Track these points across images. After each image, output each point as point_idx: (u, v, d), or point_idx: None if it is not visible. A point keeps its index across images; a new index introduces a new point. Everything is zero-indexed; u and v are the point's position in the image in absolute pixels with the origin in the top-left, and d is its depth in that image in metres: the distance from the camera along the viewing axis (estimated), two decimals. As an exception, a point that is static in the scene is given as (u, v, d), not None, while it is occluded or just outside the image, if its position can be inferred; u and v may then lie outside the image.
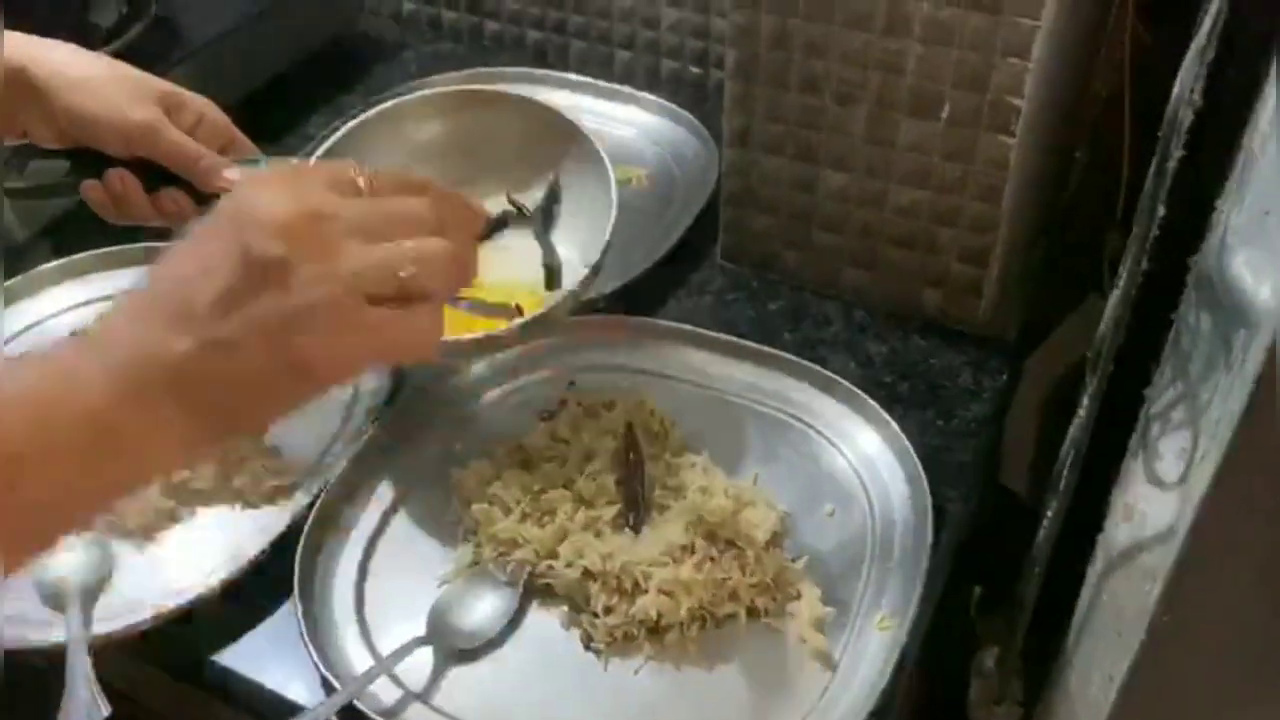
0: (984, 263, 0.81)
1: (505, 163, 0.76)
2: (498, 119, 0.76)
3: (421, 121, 0.76)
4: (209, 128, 0.69)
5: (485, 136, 0.76)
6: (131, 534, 0.70)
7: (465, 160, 0.76)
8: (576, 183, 0.76)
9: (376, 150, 0.74)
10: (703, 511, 0.66)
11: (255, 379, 0.42)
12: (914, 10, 0.73)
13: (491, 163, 0.76)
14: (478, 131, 0.76)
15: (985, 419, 0.79)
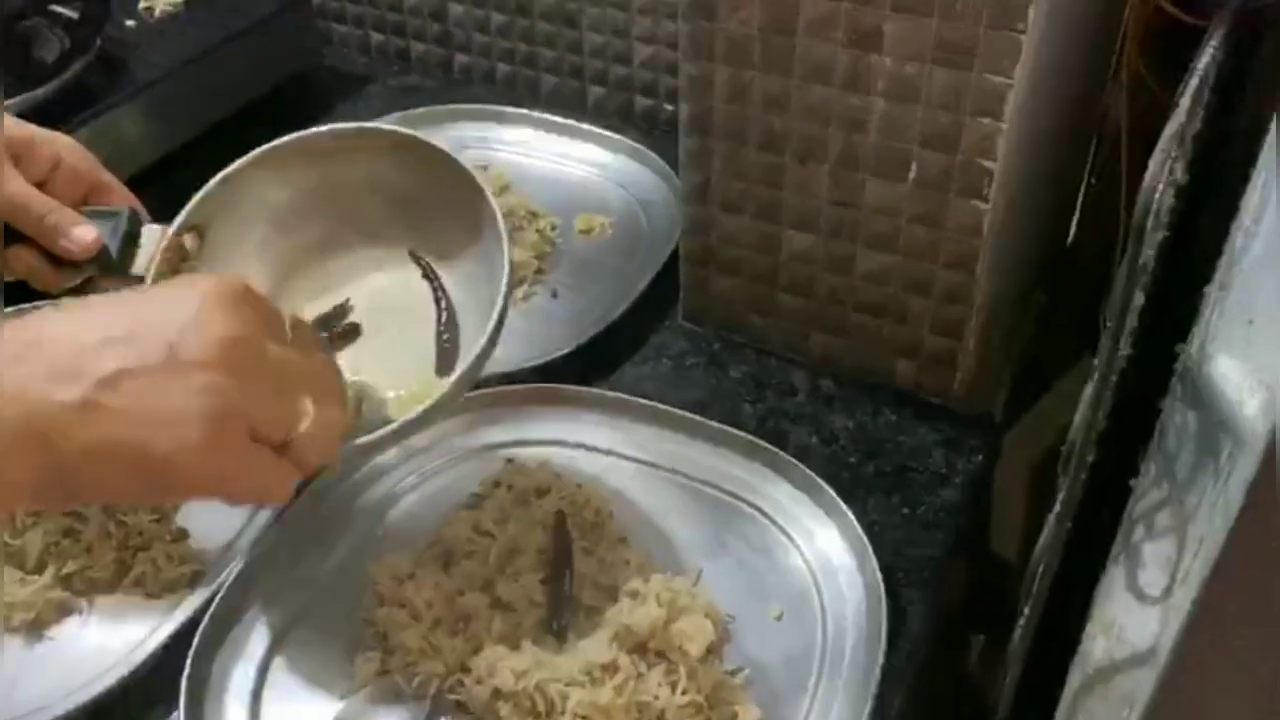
0: (958, 334, 0.75)
1: (405, 215, 0.68)
2: (402, 165, 0.67)
3: (309, 166, 0.67)
4: (67, 173, 0.61)
5: (386, 184, 0.68)
6: (18, 630, 0.65)
7: (360, 208, 0.68)
8: (477, 248, 0.67)
9: (258, 198, 0.66)
10: (630, 622, 0.59)
11: (114, 461, 0.43)
12: (876, 64, 0.66)
13: (391, 214, 0.68)
14: (375, 178, 0.67)
15: (955, 507, 0.72)
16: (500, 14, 1.10)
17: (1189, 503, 0.58)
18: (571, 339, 0.82)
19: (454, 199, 0.65)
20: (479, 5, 1.11)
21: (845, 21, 0.66)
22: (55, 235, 0.60)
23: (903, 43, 0.65)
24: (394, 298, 0.69)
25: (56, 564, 0.66)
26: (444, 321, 0.68)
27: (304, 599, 0.66)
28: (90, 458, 0.42)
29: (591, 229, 0.95)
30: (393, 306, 0.68)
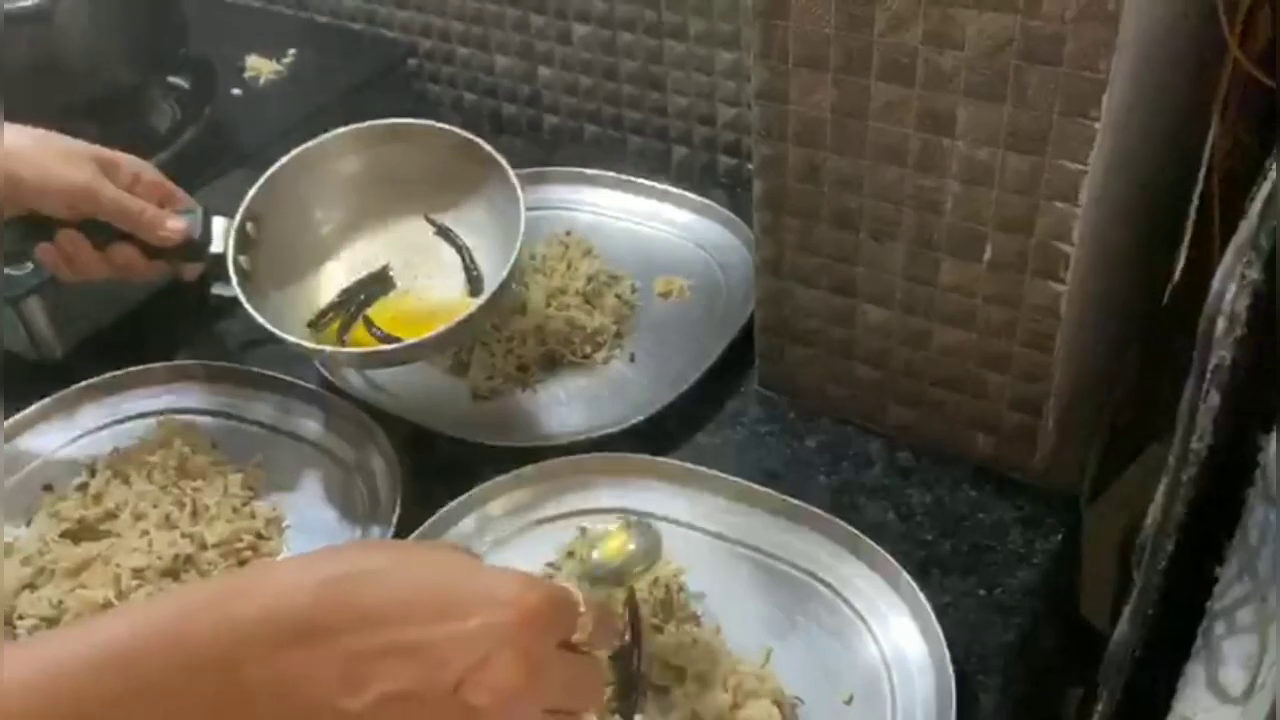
0: (1037, 411, 0.74)
1: (424, 189, 0.86)
2: (412, 149, 0.84)
3: (341, 159, 0.85)
4: (146, 185, 0.74)
5: (403, 166, 0.85)
6: (121, 689, 0.69)
7: (386, 189, 0.86)
8: (490, 199, 0.84)
9: (302, 189, 0.84)
10: (698, 708, 0.60)
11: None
12: (949, 148, 0.66)
13: (410, 190, 0.85)
14: (395, 163, 0.85)
15: (1032, 590, 0.71)
16: (588, 77, 1.13)
17: (1271, 600, 0.57)
18: (648, 404, 0.84)
19: (477, 174, 0.83)
20: (567, 69, 1.14)
21: (917, 106, 0.66)
22: (154, 226, 0.72)
23: (975, 128, 0.65)
24: (421, 254, 0.87)
25: (158, 626, 0.70)
26: (467, 260, 0.85)
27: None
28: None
29: (670, 291, 0.96)
30: (421, 262, 0.87)
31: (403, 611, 0.43)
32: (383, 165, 0.85)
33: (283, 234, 0.83)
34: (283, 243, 0.83)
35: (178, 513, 0.75)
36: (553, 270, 0.95)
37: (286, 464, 0.82)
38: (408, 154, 0.84)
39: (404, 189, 0.86)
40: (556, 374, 0.90)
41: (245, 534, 0.75)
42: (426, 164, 0.84)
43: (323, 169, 0.84)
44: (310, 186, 0.84)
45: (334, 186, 0.85)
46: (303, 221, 0.85)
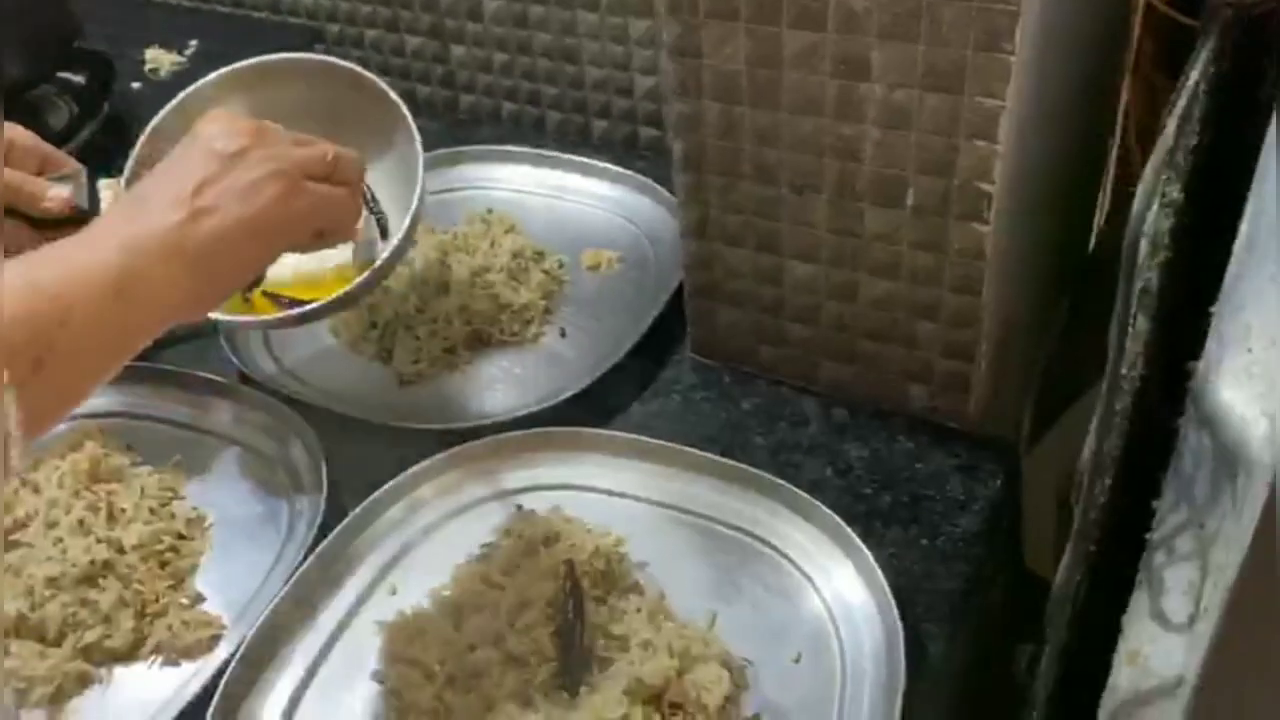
0: (969, 357, 0.73)
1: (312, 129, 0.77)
2: (298, 88, 0.79)
3: (222, 103, 0.77)
4: (20, 152, 0.70)
5: (289, 106, 0.77)
6: (39, 704, 0.65)
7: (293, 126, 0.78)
8: (385, 136, 0.79)
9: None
10: (642, 674, 0.59)
11: (232, 237, 0.56)
12: (866, 93, 0.65)
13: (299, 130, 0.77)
14: (281, 103, 0.78)
15: (975, 535, 0.70)
16: (502, 53, 1.10)
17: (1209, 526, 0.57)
18: (581, 378, 0.82)
19: (370, 111, 0.78)
20: (480, 46, 1.11)
21: (831, 51, 0.65)
22: (35, 200, 0.68)
23: (891, 70, 0.64)
24: None
25: (75, 635, 0.67)
26: (370, 200, 0.79)
27: (317, 658, 0.66)
28: (214, 245, 0.56)
29: (599, 264, 0.95)
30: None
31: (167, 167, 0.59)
32: (268, 106, 0.79)
33: None
34: None
35: (92, 517, 0.72)
36: (475, 249, 0.92)
37: (206, 462, 0.79)
38: (294, 93, 0.80)
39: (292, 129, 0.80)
40: (486, 354, 0.88)
41: (165, 535, 0.72)
42: (314, 102, 0.79)
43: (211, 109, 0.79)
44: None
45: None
46: None
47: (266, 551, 0.73)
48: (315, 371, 0.87)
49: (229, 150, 0.58)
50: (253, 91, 0.80)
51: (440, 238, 0.93)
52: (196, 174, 0.57)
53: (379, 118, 0.78)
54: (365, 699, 0.64)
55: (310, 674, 0.66)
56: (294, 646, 0.67)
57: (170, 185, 0.56)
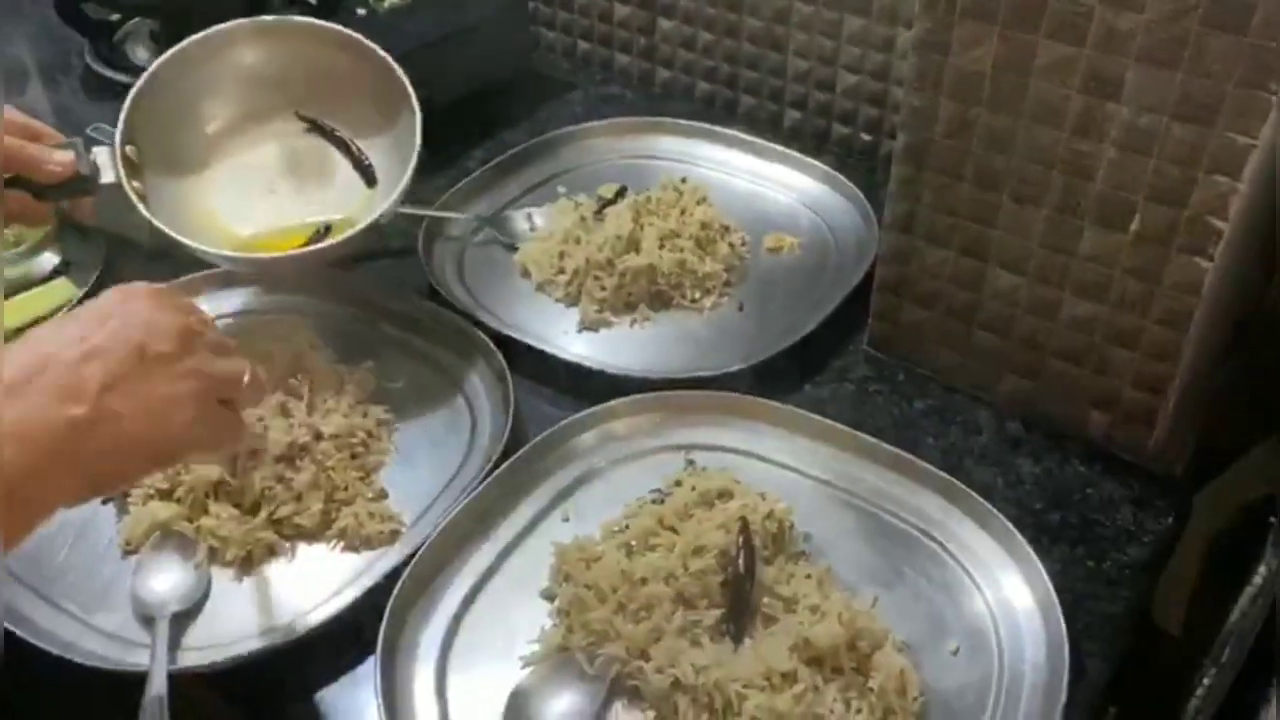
0: (1161, 391, 0.73)
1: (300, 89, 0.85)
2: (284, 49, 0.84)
3: (207, 65, 0.83)
4: (11, 125, 0.70)
5: (275, 67, 0.84)
6: (230, 564, 0.70)
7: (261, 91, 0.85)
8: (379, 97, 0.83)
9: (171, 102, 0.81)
10: (810, 635, 0.60)
11: (129, 453, 0.52)
12: (1112, 113, 0.66)
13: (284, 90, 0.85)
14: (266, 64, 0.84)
15: (1142, 566, 0.70)
16: (709, 33, 1.13)
17: None
18: (754, 352, 0.84)
19: (375, 83, 0.82)
20: (688, 23, 1.14)
21: (1084, 67, 0.66)
22: (38, 162, 0.69)
23: (1143, 93, 0.65)
24: (301, 154, 0.87)
25: (270, 507, 0.71)
26: (354, 151, 0.85)
27: (492, 566, 0.69)
28: (110, 456, 0.51)
29: (780, 248, 0.96)
30: (303, 161, 0.86)
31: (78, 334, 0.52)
32: (254, 68, 0.84)
33: (159, 156, 0.81)
34: (163, 163, 0.81)
35: (294, 403, 0.76)
36: (667, 214, 0.95)
37: (397, 371, 0.83)
38: (298, 54, 0.84)
39: (278, 90, 0.85)
40: (665, 314, 0.90)
41: (358, 430, 0.76)
42: (303, 63, 0.84)
43: (190, 78, 0.82)
44: (179, 99, 0.82)
45: (205, 95, 0.84)
46: (182, 132, 0.83)
47: (447, 462, 0.76)
48: (503, 304, 0.90)
49: (153, 351, 0.53)
50: (257, 47, 0.84)
51: (635, 199, 0.96)
52: (111, 366, 0.51)
53: (385, 91, 0.82)
54: (531, 614, 0.67)
55: (481, 583, 0.69)
56: (469, 555, 0.70)
57: (74, 364, 0.50)
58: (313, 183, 0.86)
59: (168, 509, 0.71)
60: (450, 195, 0.99)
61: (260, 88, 0.85)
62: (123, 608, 0.68)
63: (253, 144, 0.86)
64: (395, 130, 0.84)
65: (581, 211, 0.96)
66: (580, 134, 1.08)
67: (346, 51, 0.83)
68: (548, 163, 1.06)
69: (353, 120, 0.86)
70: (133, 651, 0.65)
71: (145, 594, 0.67)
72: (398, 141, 0.83)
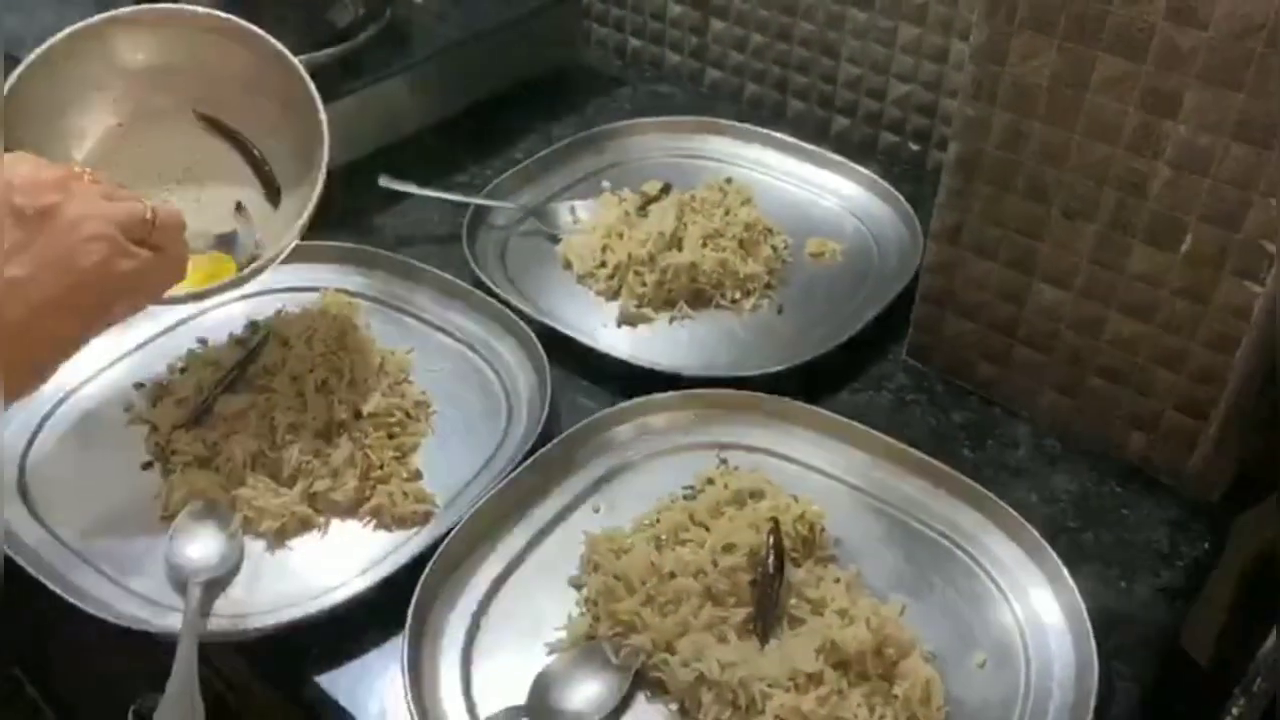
0: (1203, 415, 0.73)
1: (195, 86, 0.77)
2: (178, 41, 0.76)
3: (91, 60, 0.75)
4: None
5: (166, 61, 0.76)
6: (264, 535, 0.71)
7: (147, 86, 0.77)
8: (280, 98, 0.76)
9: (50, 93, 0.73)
10: (837, 639, 0.60)
11: (47, 308, 0.51)
12: (1169, 131, 0.66)
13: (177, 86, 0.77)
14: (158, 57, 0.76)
15: (1176, 590, 0.70)
16: (761, 35, 1.13)
17: None
18: (792, 356, 0.84)
19: (273, 78, 0.75)
20: (741, 24, 1.14)
21: (1144, 83, 0.66)
22: None
23: (1202, 112, 0.64)
24: (201, 156, 0.79)
25: (306, 481, 0.72)
26: (258, 157, 0.78)
27: (522, 551, 0.70)
28: (28, 324, 0.50)
29: (823, 253, 0.96)
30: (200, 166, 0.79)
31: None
32: (159, 53, 0.76)
33: (44, 144, 0.72)
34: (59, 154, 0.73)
35: (335, 379, 0.77)
36: (711, 213, 0.95)
37: (436, 355, 0.84)
38: (171, 48, 0.76)
39: (169, 86, 0.77)
40: (704, 312, 0.90)
41: (396, 410, 0.76)
42: (194, 58, 0.76)
43: (69, 75, 0.74)
44: (56, 99, 0.74)
45: (87, 94, 0.75)
46: (62, 140, 0.75)
47: (482, 447, 0.77)
48: (543, 294, 0.91)
49: (34, 206, 0.50)
50: (140, 35, 0.75)
51: (679, 197, 0.96)
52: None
53: (283, 86, 0.74)
54: (559, 601, 0.67)
55: (510, 567, 0.69)
56: (500, 539, 0.70)
57: None
58: (210, 189, 0.78)
59: (206, 478, 0.72)
60: (495, 184, 1.00)
61: (148, 85, 0.77)
62: (157, 572, 0.69)
63: (143, 147, 0.77)
64: (299, 133, 0.76)
65: (625, 206, 0.96)
66: (627, 130, 1.09)
67: (245, 46, 0.76)
68: (593, 157, 1.06)
69: (252, 122, 0.78)
70: (164, 615, 0.66)
71: (180, 560, 0.68)
72: (301, 146, 0.76)
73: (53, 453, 0.76)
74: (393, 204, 0.99)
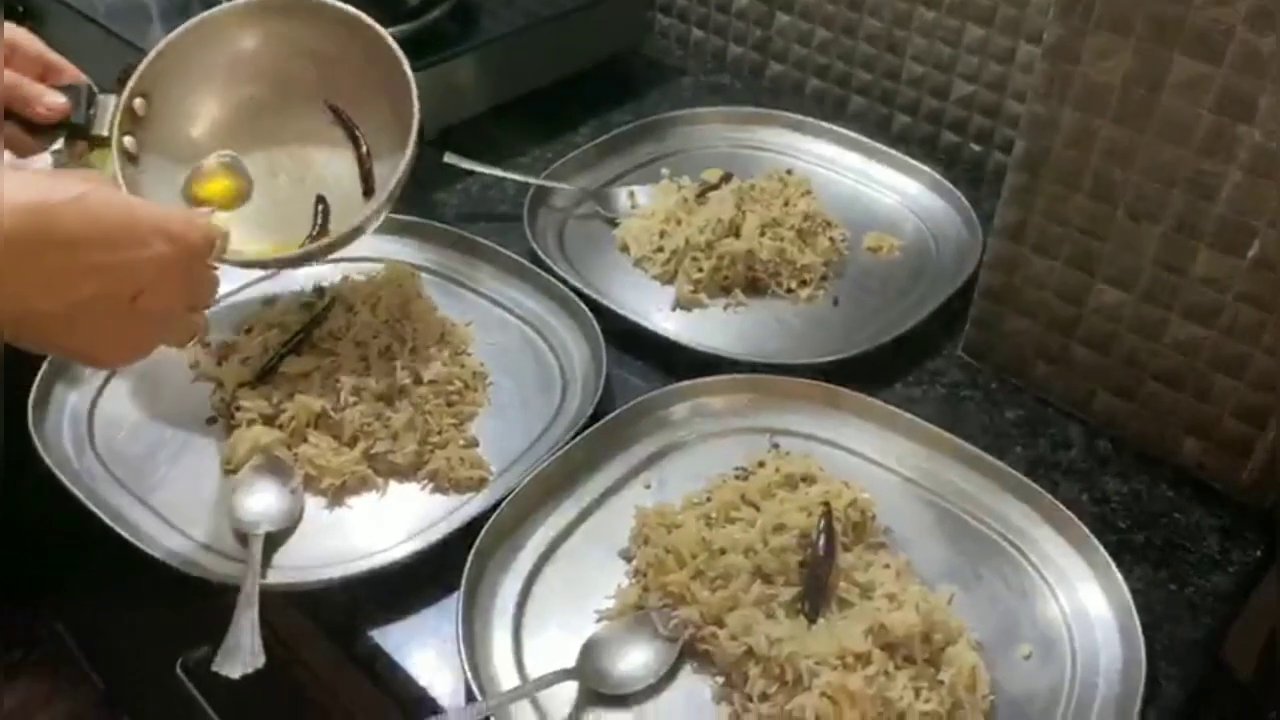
0: (1261, 423, 0.72)
1: (327, 76, 0.80)
2: (318, 32, 0.78)
3: (241, 33, 0.78)
4: (23, 58, 0.69)
5: (307, 50, 0.79)
6: (324, 492, 0.72)
7: (287, 71, 0.80)
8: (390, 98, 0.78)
9: (196, 64, 0.77)
10: (886, 621, 0.61)
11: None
12: (1243, 135, 0.65)
13: (314, 75, 0.80)
14: (299, 45, 0.79)
15: (1225, 595, 0.70)
16: (825, 30, 1.13)
17: None
18: (845, 347, 0.84)
19: (371, 62, 0.77)
20: (806, 18, 1.15)
21: (1219, 86, 0.65)
22: (29, 103, 0.67)
23: (1277, 117, 0.64)
24: (316, 144, 0.81)
25: (366, 442, 0.73)
26: (364, 153, 0.80)
27: (573, 521, 0.71)
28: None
29: (880, 248, 0.97)
30: (316, 153, 0.81)
31: (92, 237, 0.55)
32: (286, 46, 0.79)
33: (171, 115, 0.76)
34: (171, 124, 0.76)
35: (398, 346, 0.78)
36: (770, 202, 0.96)
37: (495, 329, 0.85)
38: (312, 37, 0.78)
39: (307, 73, 0.80)
40: (759, 300, 0.91)
41: (456, 379, 0.78)
42: (331, 50, 0.78)
43: (220, 44, 0.78)
44: (206, 62, 0.77)
45: (232, 64, 0.78)
46: (197, 101, 0.78)
47: (537, 420, 0.78)
48: (599, 275, 0.92)
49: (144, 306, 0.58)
50: (271, 27, 0.78)
51: (739, 186, 0.97)
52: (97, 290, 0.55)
53: (387, 74, 0.76)
54: (608, 571, 0.68)
55: (562, 536, 0.70)
56: (553, 508, 0.71)
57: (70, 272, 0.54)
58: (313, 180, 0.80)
59: (269, 434, 0.73)
60: (556, 167, 1.01)
61: (287, 70, 0.80)
62: (218, 525, 0.70)
63: (269, 128, 0.80)
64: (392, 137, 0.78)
65: (684, 193, 0.97)
66: (689, 118, 1.10)
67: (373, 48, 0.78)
68: (654, 144, 1.07)
69: (363, 119, 0.80)
70: (224, 564, 0.68)
71: (242, 512, 0.70)
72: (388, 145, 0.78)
73: (120, 405, 0.78)
74: (456, 181, 1.01)
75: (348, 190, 0.79)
